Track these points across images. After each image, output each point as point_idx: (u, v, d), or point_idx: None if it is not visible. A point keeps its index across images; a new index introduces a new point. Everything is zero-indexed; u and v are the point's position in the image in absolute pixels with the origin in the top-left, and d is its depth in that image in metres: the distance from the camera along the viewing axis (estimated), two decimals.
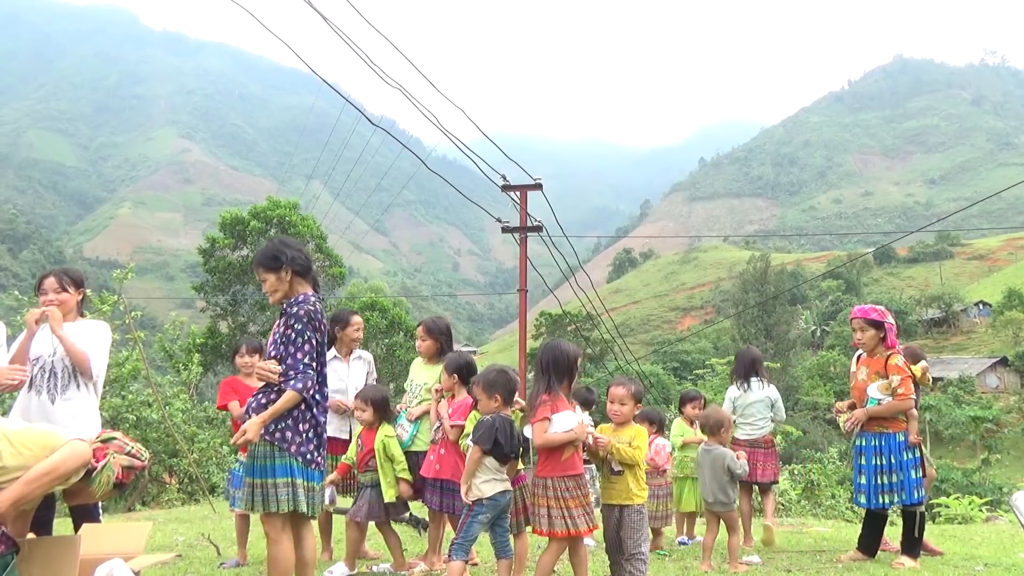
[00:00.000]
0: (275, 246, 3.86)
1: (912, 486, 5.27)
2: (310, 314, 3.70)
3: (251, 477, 3.65)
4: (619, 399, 4.31)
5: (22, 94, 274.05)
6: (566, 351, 4.08)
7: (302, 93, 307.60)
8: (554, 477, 3.98)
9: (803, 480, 13.70)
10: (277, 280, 3.78)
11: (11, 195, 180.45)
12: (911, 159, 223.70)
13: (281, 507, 3.58)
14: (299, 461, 3.62)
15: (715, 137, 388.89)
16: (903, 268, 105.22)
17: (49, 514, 4.32)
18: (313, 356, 3.68)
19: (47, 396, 4.18)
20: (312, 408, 3.71)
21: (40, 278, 4.41)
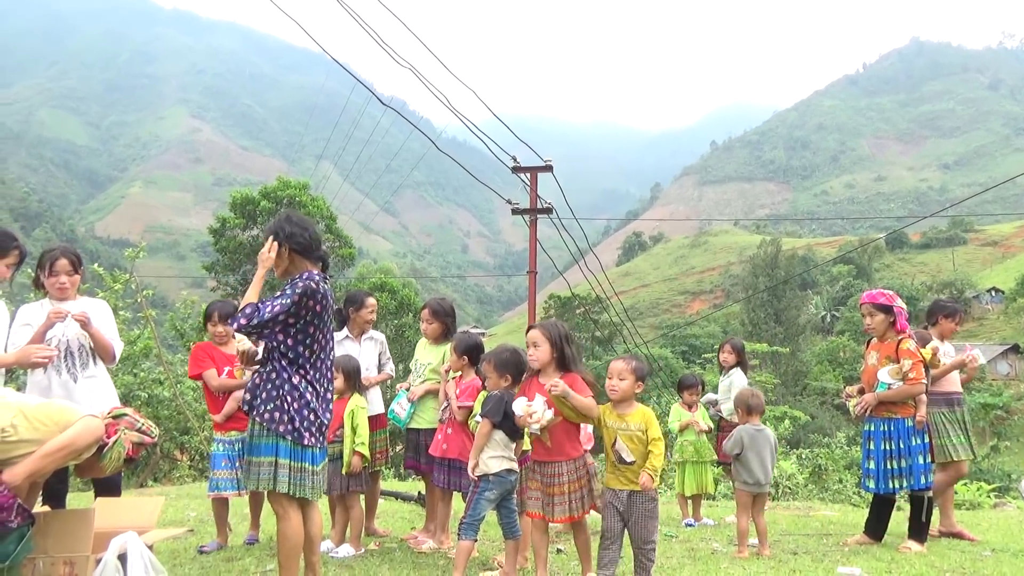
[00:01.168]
0: (278, 221, 3.87)
1: (920, 471, 5.26)
2: (306, 289, 3.63)
3: (246, 455, 3.72)
4: (617, 373, 3.97)
5: (33, 72, 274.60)
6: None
7: (313, 73, 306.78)
8: (539, 461, 4.11)
9: (810, 464, 13.72)
10: (278, 255, 3.78)
11: (23, 173, 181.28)
12: (926, 143, 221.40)
13: (261, 486, 3.61)
14: (287, 440, 3.58)
15: (727, 120, 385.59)
16: (915, 254, 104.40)
17: (63, 487, 4.38)
18: (276, 308, 3.56)
19: (68, 375, 4.25)
20: (301, 388, 3.64)
21: (51, 258, 4.29)
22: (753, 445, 5.24)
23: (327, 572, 4.43)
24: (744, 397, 5.42)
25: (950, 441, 5.80)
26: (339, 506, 5.14)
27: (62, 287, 4.30)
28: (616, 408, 3.98)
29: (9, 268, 3.98)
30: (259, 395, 3.64)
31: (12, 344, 4.10)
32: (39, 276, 4.36)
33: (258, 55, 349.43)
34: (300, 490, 3.61)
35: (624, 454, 3.92)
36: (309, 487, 3.65)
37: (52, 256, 4.30)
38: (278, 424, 3.58)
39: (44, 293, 4.40)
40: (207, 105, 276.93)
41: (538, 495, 4.07)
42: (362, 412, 5.00)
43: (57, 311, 4.11)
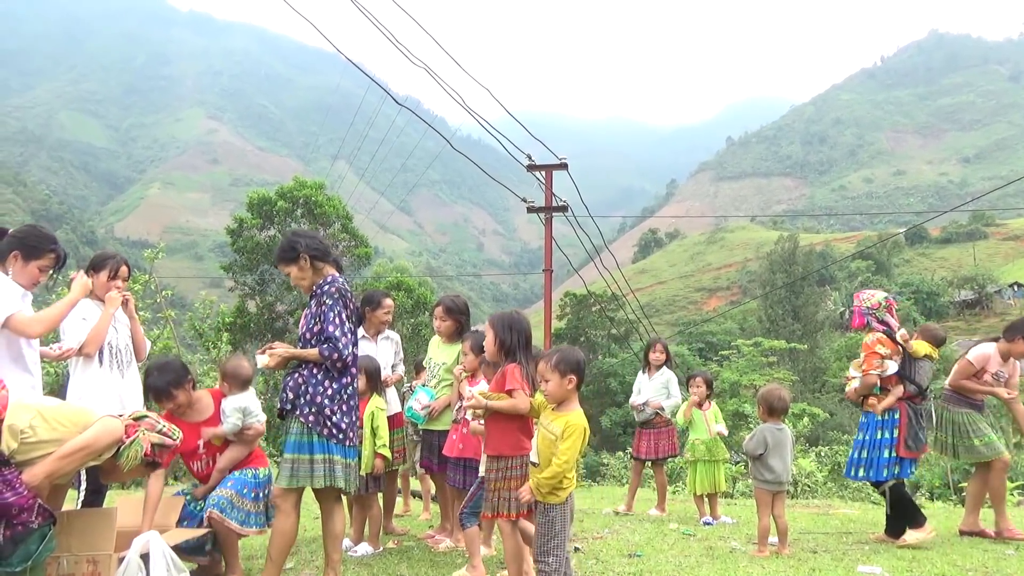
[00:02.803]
0: (288, 239, 3.97)
1: (881, 465, 5.47)
2: (341, 291, 3.83)
3: (294, 452, 3.75)
4: (541, 375, 3.61)
5: (53, 76, 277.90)
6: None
7: (327, 73, 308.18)
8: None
9: (830, 462, 13.61)
10: (299, 270, 3.88)
11: (44, 176, 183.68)
12: (945, 137, 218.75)
13: (316, 482, 3.70)
14: (335, 440, 3.73)
15: (743, 115, 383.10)
16: (935, 249, 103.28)
17: (103, 485, 4.42)
18: (344, 329, 3.77)
19: (118, 372, 4.38)
20: (347, 385, 3.81)
21: (115, 264, 4.43)
22: (775, 445, 5.20)
23: (346, 570, 4.45)
24: (768, 398, 5.33)
25: (979, 441, 5.70)
26: (357, 505, 5.17)
27: (111, 288, 4.43)
28: (557, 408, 3.59)
29: (43, 271, 3.93)
30: (302, 397, 3.74)
31: (74, 339, 4.18)
32: (88, 277, 4.39)
33: (273, 56, 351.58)
34: (350, 485, 3.81)
35: (532, 454, 3.68)
36: (353, 480, 3.85)
37: (115, 263, 4.43)
38: (322, 427, 3.71)
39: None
40: (223, 106, 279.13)
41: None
42: (382, 414, 5.02)
43: (124, 295, 4.38)
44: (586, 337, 45.40)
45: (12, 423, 2.96)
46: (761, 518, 5.23)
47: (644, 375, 7.32)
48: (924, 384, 5.56)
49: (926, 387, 5.58)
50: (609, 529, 6.17)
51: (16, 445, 2.94)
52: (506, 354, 3.87)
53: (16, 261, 3.84)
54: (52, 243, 3.95)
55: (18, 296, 3.71)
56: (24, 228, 4.02)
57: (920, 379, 5.55)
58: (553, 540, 3.50)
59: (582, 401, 3.69)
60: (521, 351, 3.86)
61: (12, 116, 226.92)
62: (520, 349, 3.86)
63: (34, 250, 3.87)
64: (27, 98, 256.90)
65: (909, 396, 5.50)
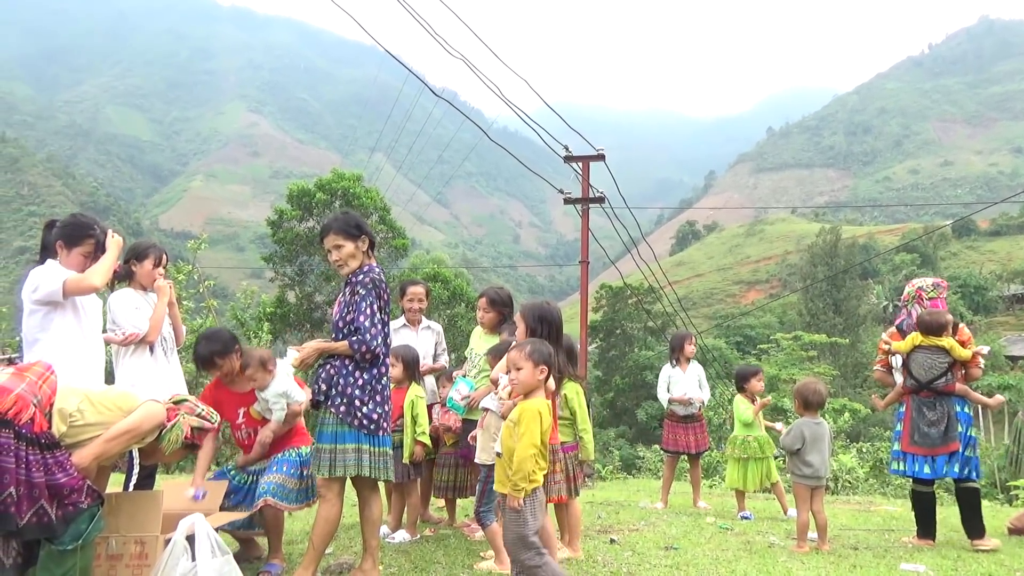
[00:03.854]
0: (350, 217, 3.99)
1: (892, 458, 5.59)
2: (375, 281, 3.84)
3: (324, 443, 3.79)
4: (513, 363, 3.57)
5: (100, 71, 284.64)
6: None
7: (365, 66, 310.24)
8: None
9: (871, 458, 13.36)
10: (355, 248, 3.88)
11: (92, 169, 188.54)
12: (995, 126, 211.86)
13: (349, 471, 3.75)
14: (365, 431, 3.75)
15: (784, 105, 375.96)
16: (984, 241, 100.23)
17: (153, 468, 4.56)
18: (375, 320, 3.77)
19: (166, 358, 4.55)
20: (374, 382, 3.82)
21: (156, 253, 4.57)
22: (813, 439, 5.13)
23: (384, 557, 4.51)
24: (803, 392, 5.26)
25: None
26: (396, 493, 5.23)
27: (157, 278, 4.58)
28: (524, 399, 3.58)
29: (87, 257, 4.03)
30: (334, 388, 3.79)
31: (133, 326, 4.34)
32: (131, 266, 4.53)
33: (312, 49, 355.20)
34: (385, 474, 3.83)
35: (496, 444, 3.65)
36: (390, 469, 3.89)
37: (156, 251, 4.58)
38: (352, 418, 3.74)
39: (127, 283, 4.58)
40: (264, 100, 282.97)
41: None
42: (421, 402, 5.07)
43: (164, 289, 4.52)
44: (622, 330, 45.12)
45: (62, 407, 3.06)
46: (800, 513, 5.17)
47: (676, 369, 7.20)
48: (921, 377, 5.31)
49: (926, 380, 5.29)
50: (645, 521, 6.15)
51: (65, 428, 3.04)
52: None
53: (62, 250, 4.00)
54: (90, 228, 4.07)
55: (68, 274, 3.87)
56: (66, 218, 4.17)
57: (916, 372, 5.35)
58: (527, 527, 3.42)
59: (618, 394, 3.69)
60: (551, 343, 3.86)
61: (62, 111, 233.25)
62: (549, 340, 3.86)
63: (74, 238, 4.02)
64: (76, 93, 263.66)
65: (910, 390, 5.39)
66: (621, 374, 41.60)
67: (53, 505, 2.95)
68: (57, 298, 3.78)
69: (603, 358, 44.49)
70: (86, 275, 3.80)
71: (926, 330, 5.34)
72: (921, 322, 5.38)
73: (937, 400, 5.29)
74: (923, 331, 5.36)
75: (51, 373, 3.16)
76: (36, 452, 2.94)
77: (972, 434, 5.29)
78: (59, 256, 4.00)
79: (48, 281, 3.79)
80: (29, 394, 2.97)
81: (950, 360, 5.28)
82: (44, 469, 2.94)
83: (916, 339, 5.38)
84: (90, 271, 3.86)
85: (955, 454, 5.21)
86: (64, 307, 3.86)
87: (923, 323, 5.37)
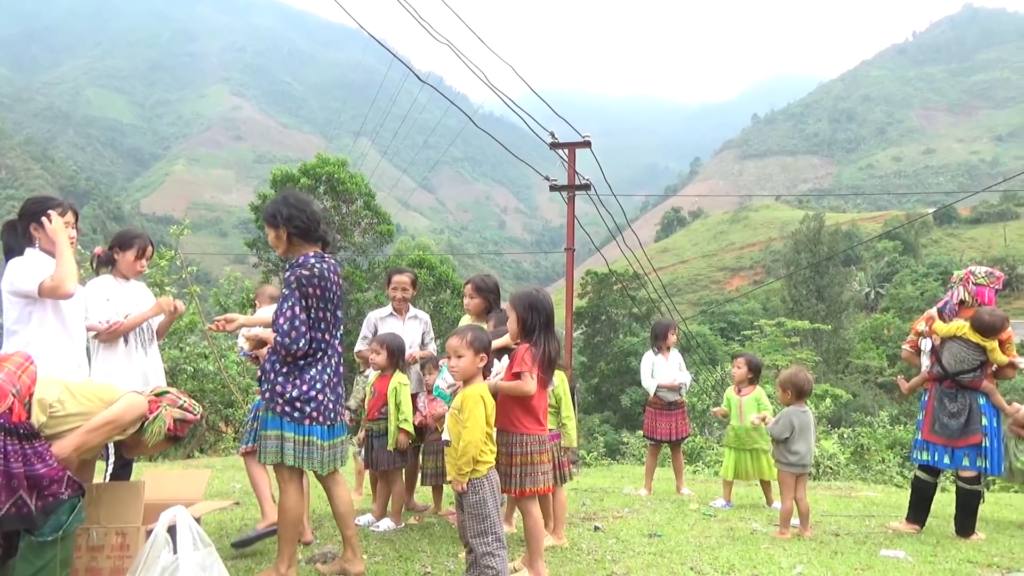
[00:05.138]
0: (276, 204, 3.84)
1: (914, 446, 5.53)
2: (300, 279, 3.66)
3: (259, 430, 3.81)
4: (454, 351, 3.62)
5: (80, 52, 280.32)
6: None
7: (349, 49, 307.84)
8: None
9: (852, 444, 13.52)
10: (276, 237, 3.82)
11: (72, 152, 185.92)
12: (978, 114, 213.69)
13: (268, 459, 3.68)
14: (288, 418, 3.62)
15: (769, 92, 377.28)
16: (965, 229, 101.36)
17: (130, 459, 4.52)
18: (295, 322, 3.61)
19: (142, 350, 4.46)
20: (303, 368, 3.66)
21: (141, 243, 4.49)
22: (801, 428, 5.15)
23: (368, 545, 4.50)
24: (797, 381, 5.21)
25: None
26: (381, 481, 5.22)
27: (140, 271, 4.55)
28: (464, 385, 3.68)
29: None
30: (264, 377, 3.74)
31: (96, 318, 4.23)
32: (114, 254, 4.48)
33: (296, 32, 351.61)
34: (308, 463, 3.65)
35: (444, 433, 3.71)
36: (316, 460, 3.67)
37: (142, 242, 4.50)
38: (275, 404, 3.65)
39: (109, 269, 4.52)
40: (247, 83, 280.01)
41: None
42: (405, 389, 5.06)
43: (172, 305, 4.50)
44: (607, 316, 45.32)
45: (41, 397, 3.02)
46: (784, 500, 5.21)
47: (659, 356, 7.17)
48: (950, 367, 5.18)
49: (954, 372, 5.16)
50: (629, 508, 6.18)
51: (45, 419, 3.00)
52: (526, 334, 3.86)
53: (38, 232, 3.90)
54: (50, 202, 3.97)
55: (46, 265, 3.76)
56: (25, 202, 4.07)
57: (945, 361, 5.21)
58: (487, 520, 3.47)
59: (603, 380, 3.68)
60: (541, 331, 3.84)
61: (40, 92, 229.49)
62: (540, 329, 3.84)
63: (38, 215, 3.91)
64: (55, 74, 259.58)
65: (934, 378, 5.30)
66: (606, 360, 41.83)
67: (32, 496, 2.92)
68: (33, 296, 3.70)
69: (588, 344, 44.69)
70: (61, 282, 3.66)
71: (980, 328, 5.07)
72: (979, 319, 5.08)
73: (959, 392, 5.16)
74: (977, 327, 5.09)
75: (31, 363, 3.12)
76: (15, 442, 2.90)
77: (997, 425, 5.14)
78: (38, 239, 3.91)
79: (23, 279, 3.71)
80: (8, 384, 2.94)
81: (984, 358, 5.10)
82: (23, 460, 2.90)
83: (961, 328, 5.13)
84: (62, 276, 3.69)
85: (976, 447, 5.08)
86: (43, 300, 3.79)
87: (981, 321, 5.07)
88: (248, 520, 5.29)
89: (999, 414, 5.19)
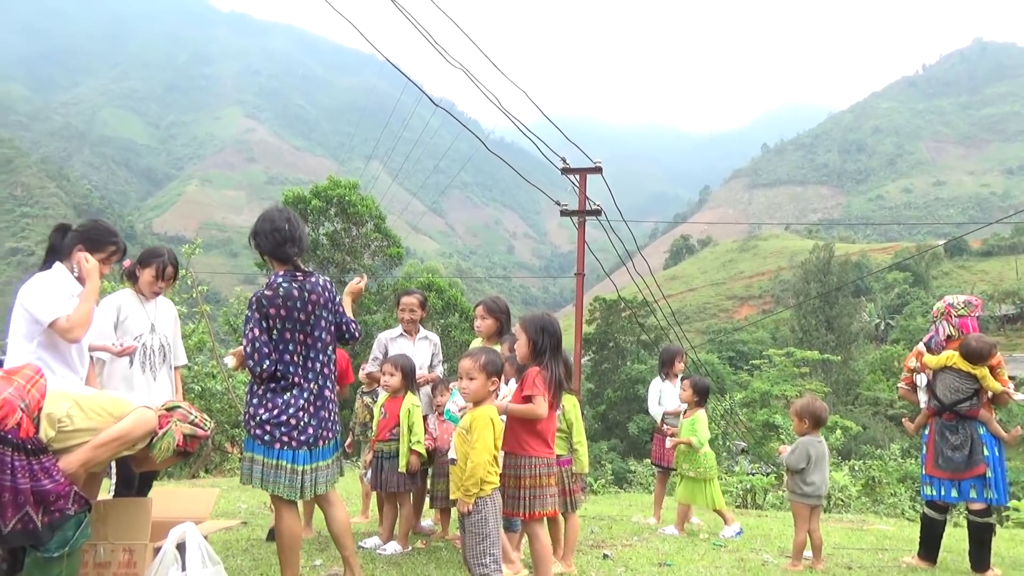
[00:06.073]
0: (253, 230, 3.87)
1: (920, 482, 5.47)
2: (260, 300, 3.66)
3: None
4: (466, 372, 3.65)
5: (98, 73, 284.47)
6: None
7: (362, 74, 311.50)
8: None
9: (863, 476, 13.32)
10: (261, 257, 3.89)
11: (87, 171, 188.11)
12: (988, 147, 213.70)
13: (243, 480, 3.68)
14: (259, 441, 3.61)
15: (779, 122, 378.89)
16: (976, 261, 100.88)
17: (151, 475, 4.49)
18: (256, 344, 3.61)
19: (150, 373, 4.43)
20: (273, 391, 3.64)
21: (162, 264, 4.45)
22: (817, 458, 5.07)
23: (375, 569, 4.45)
24: (816, 409, 5.11)
25: None
26: (388, 504, 5.17)
27: (157, 291, 4.53)
28: (473, 407, 3.71)
29: (106, 264, 4.07)
30: (247, 399, 3.75)
31: (98, 333, 4.19)
32: (135, 270, 4.48)
33: (310, 56, 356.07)
34: (274, 487, 3.60)
35: (451, 451, 3.78)
36: (285, 485, 3.60)
37: (161, 262, 4.45)
38: (249, 427, 3.66)
39: (132, 284, 4.52)
40: (261, 105, 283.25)
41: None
42: (417, 411, 5.04)
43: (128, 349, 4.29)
44: (615, 343, 45.14)
45: (50, 411, 3.00)
46: (798, 532, 5.12)
47: (666, 383, 7.07)
48: (945, 399, 5.13)
49: (950, 403, 5.09)
50: (638, 537, 6.10)
51: (54, 433, 2.99)
52: (536, 356, 3.84)
53: (79, 256, 3.90)
54: (113, 236, 4.07)
55: (67, 297, 3.72)
56: (87, 223, 4.13)
57: (940, 393, 5.17)
58: (487, 540, 3.47)
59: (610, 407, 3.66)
60: (550, 354, 3.84)
61: (58, 112, 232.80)
62: (550, 352, 3.84)
63: (96, 243, 3.97)
64: (73, 95, 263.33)
65: (933, 412, 5.24)
66: (613, 387, 41.57)
67: (39, 512, 2.90)
68: (42, 324, 3.62)
69: (596, 371, 44.46)
70: (73, 327, 3.61)
71: (968, 355, 5.05)
72: (966, 347, 5.06)
73: (960, 423, 5.10)
74: (965, 355, 5.06)
75: (40, 376, 3.11)
76: (22, 458, 2.88)
77: (999, 454, 5.08)
78: (75, 265, 3.92)
79: (40, 306, 3.63)
80: (16, 398, 2.92)
81: (977, 386, 5.07)
82: (30, 475, 2.89)
83: (951, 359, 5.11)
84: (77, 322, 3.62)
85: (982, 478, 5.00)
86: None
87: (968, 348, 5.05)
88: (254, 540, 5.25)
89: (1000, 443, 5.14)
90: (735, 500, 11.00)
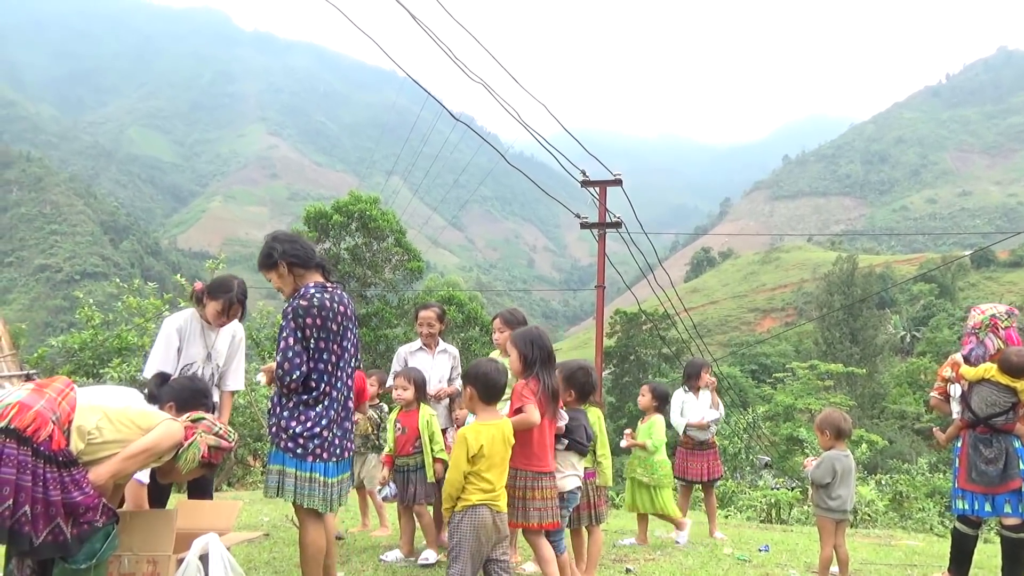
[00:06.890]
0: (267, 244, 3.84)
1: (952, 496, 5.31)
2: (296, 310, 3.63)
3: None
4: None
5: (125, 93, 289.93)
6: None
7: (383, 91, 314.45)
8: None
9: (890, 491, 13.12)
10: (278, 277, 3.78)
11: (114, 188, 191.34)
12: (1014, 157, 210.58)
13: (269, 493, 3.66)
14: (291, 454, 3.58)
15: (800, 133, 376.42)
16: (1003, 272, 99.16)
17: (167, 489, 4.55)
18: (289, 353, 3.58)
19: None
20: (305, 403, 3.62)
21: (229, 300, 4.61)
22: (843, 472, 4.98)
23: None
24: (835, 420, 5.03)
25: None
26: (405, 516, 5.18)
27: (219, 325, 4.73)
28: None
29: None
30: (271, 411, 3.73)
31: (155, 360, 4.50)
32: (203, 296, 4.65)
33: (332, 73, 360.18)
34: (309, 500, 3.59)
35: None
36: (319, 498, 3.61)
37: (228, 299, 4.61)
38: (278, 439, 3.63)
39: (199, 307, 4.69)
40: (284, 122, 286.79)
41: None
42: (435, 420, 5.10)
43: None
44: (636, 356, 44.95)
45: (80, 424, 3.05)
46: (824, 547, 5.03)
47: (690, 394, 7.05)
48: (980, 412, 5.01)
49: (984, 416, 4.98)
50: (661, 551, 6.04)
51: (83, 445, 3.03)
52: (527, 369, 3.87)
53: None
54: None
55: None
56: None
57: (976, 406, 5.05)
58: (457, 548, 3.48)
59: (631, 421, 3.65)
60: (540, 366, 3.86)
61: (86, 131, 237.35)
62: (539, 363, 3.86)
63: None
64: (100, 114, 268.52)
65: (967, 424, 5.13)
66: (634, 401, 41.34)
67: (68, 523, 2.94)
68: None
69: (616, 384, 44.28)
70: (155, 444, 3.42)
71: (1008, 368, 4.93)
72: (1007, 361, 4.93)
73: (994, 437, 4.99)
74: (1006, 369, 4.94)
75: (71, 389, 3.16)
76: (53, 470, 2.93)
77: None
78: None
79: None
80: (48, 411, 2.97)
81: (1015, 399, 4.95)
82: (61, 487, 2.93)
83: (988, 371, 5.00)
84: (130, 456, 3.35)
85: (1017, 492, 4.89)
86: None
87: (1008, 362, 4.93)
88: (276, 553, 5.27)
89: None
90: (759, 515, 10.87)
